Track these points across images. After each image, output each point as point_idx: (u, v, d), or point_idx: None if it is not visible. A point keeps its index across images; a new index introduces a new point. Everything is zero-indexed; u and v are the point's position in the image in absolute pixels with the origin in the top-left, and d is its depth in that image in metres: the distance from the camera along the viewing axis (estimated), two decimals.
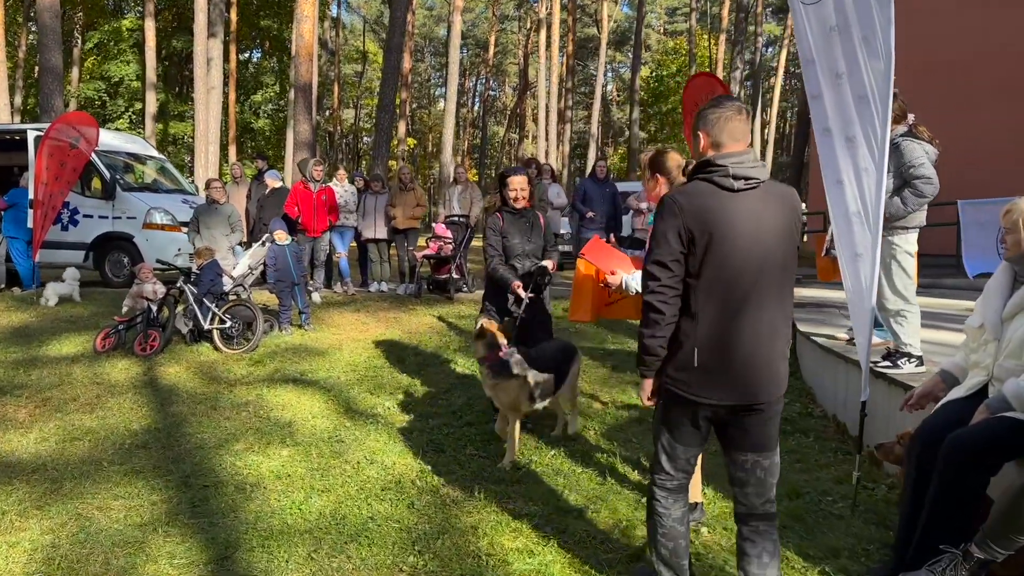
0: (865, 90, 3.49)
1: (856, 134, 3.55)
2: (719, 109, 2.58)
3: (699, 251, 2.46)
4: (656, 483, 2.79)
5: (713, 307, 2.49)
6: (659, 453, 2.78)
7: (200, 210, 9.05)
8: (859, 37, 3.49)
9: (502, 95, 59.29)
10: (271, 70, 35.35)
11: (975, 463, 2.82)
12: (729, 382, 2.51)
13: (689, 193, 2.53)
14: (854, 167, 3.61)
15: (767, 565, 2.63)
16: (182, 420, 5.51)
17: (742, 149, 2.55)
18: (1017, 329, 2.93)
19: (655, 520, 2.78)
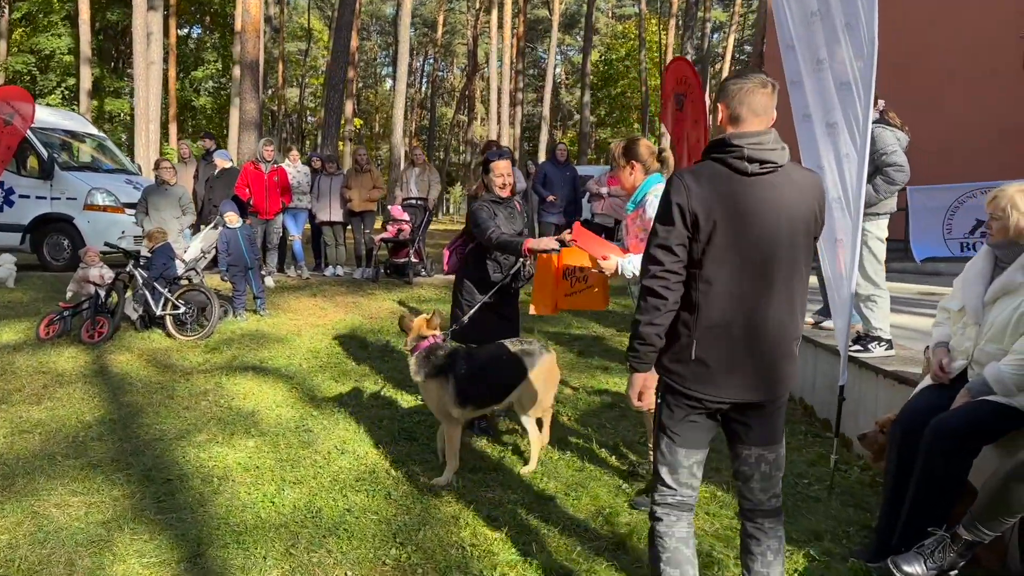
0: (848, 77, 3.49)
1: (838, 120, 3.56)
2: (741, 80, 2.39)
3: (703, 238, 2.28)
4: (656, 500, 2.52)
5: (714, 298, 2.32)
6: (658, 465, 2.52)
7: (149, 191, 8.69)
8: (842, 24, 3.49)
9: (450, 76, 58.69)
10: (212, 46, 34.22)
11: (959, 447, 2.88)
12: (729, 378, 2.35)
13: (699, 174, 2.33)
14: (835, 153, 3.63)
15: (771, 563, 2.49)
16: (138, 410, 5.28)
17: (763, 128, 2.35)
18: (999, 314, 2.99)
19: (656, 544, 2.48)
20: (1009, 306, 2.96)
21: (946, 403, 3.08)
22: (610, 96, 41.98)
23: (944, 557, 2.67)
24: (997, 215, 3.02)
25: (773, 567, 2.49)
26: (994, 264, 3.12)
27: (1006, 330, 2.95)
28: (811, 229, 2.41)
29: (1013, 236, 2.98)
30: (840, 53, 3.51)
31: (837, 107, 3.58)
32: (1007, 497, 2.49)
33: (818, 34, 3.64)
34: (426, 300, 8.82)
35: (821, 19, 3.64)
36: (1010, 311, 2.95)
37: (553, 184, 10.24)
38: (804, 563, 3.12)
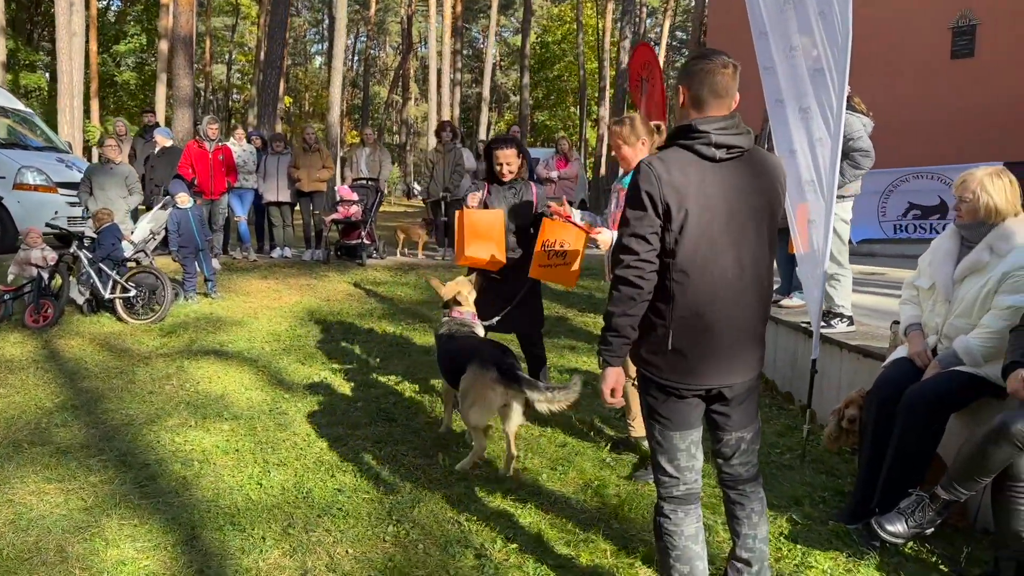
0: (821, 63, 3.65)
1: (811, 105, 3.72)
2: (702, 61, 2.33)
3: (675, 227, 2.24)
4: (661, 495, 2.47)
5: (689, 288, 2.28)
6: (657, 456, 2.48)
7: (93, 170, 8.35)
8: (815, 12, 3.64)
9: (383, 55, 57.73)
10: (135, 18, 32.74)
11: (934, 413, 3.09)
12: (704, 366, 2.34)
13: (667, 161, 2.28)
14: (808, 137, 3.79)
15: (757, 524, 2.56)
16: (99, 396, 5.13)
17: (726, 112, 2.32)
18: (967, 291, 3.20)
19: (665, 541, 2.43)
20: (977, 283, 3.17)
21: (918, 374, 3.29)
22: (547, 79, 42.09)
23: (924, 516, 2.87)
24: (966, 197, 3.21)
25: (759, 527, 2.57)
26: (960, 244, 3.33)
27: (974, 305, 3.17)
28: (776, 212, 2.41)
29: (982, 217, 3.19)
30: (814, 40, 3.66)
31: (810, 93, 3.73)
32: (983, 458, 2.69)
33: (791, 21, 3.78)
34: (381, 282, 8.77)
35: (795, 7, 3.77)
36: (977, 288, 3.17)
37: None
38: (788, 527, 3.30)
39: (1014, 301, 3.05)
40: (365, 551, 3.16)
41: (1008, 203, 3.15)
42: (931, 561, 3.01)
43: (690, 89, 2.35)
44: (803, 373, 4.89)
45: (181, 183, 8.08)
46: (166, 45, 25.93)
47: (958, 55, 11.32)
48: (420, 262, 9.91)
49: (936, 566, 2.98)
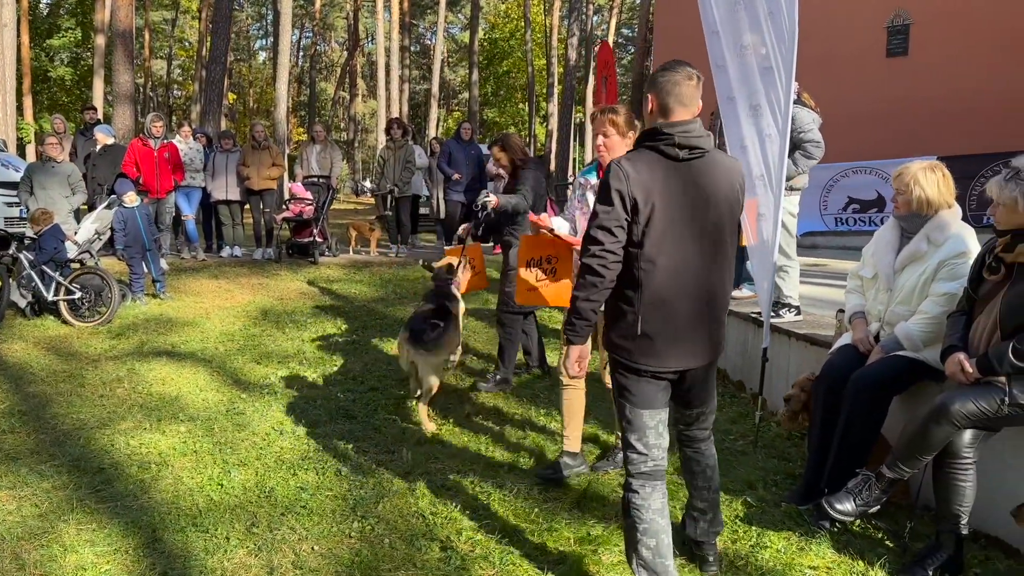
0: (770, 62, 3.78)
1: (761, 102, 3.85)
2: (669, 73, 2.54)
3: (642, 220, 2.43)
4: (630, 472, 2.61)
5: (656, 276, 2.46)
6: (627, 434, 2.65)
7: (33, 169, 8.07)
8: (764, 12, 3.77)
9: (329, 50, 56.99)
10: (70, 12, 31.65)
11: (878, 395, 3.25)
12: (671, 349, 2.53)
13: (635, 160, 2.48)
14: (758, 133, 3.92)
15: (710, 477, 2.88)
16: (47, 400, 5.01)
17: (690, 117, 2.52)
18: (907, 279, 3.36)
19: (632, 516, 2.57)
20: (915, 272, 3.34)
21: (862, 360, 3.44)
22: (496, 75, 42.12)
23: (871, 495, 3.01)
24: (902, 190, 3.37)
25: (712, 479, 2.88)
26: (900, 234, 3.49)
27: (913, 293, 3.33)
28: (735, 208, 2.63)
29: (916, 209, 3.35)
30: (763, 39, 3.79)
31: (760, 90, 3.86)
32: (925, 438, 2.84)
33: (742, 21, 3.91)
34: (335, 280, 8.71)
35: (745, 7, 3.90)
36: (916, 276, 3.33)
37: (458, 163, 10.28)
38: (743, 510, 3.42)
39: (949, 288, 3.21)
40: (331, 547, 3.17)
41: (940, 195, 3.32)
42: (878, 537, 3.16)
43: (658, 98, 2.56)
44: (753, 362, 5.04)
45: (128, 182, 7.89)
46: (103, 39, 25.22)
47: (893, 53, 11.72)
48: (373, 260, 9.87)
49: (882, 542, 3.13)
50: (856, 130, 11.47)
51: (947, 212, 3.32)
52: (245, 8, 55.44)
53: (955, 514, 2.86)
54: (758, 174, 4.01)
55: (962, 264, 3.21)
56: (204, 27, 33.92)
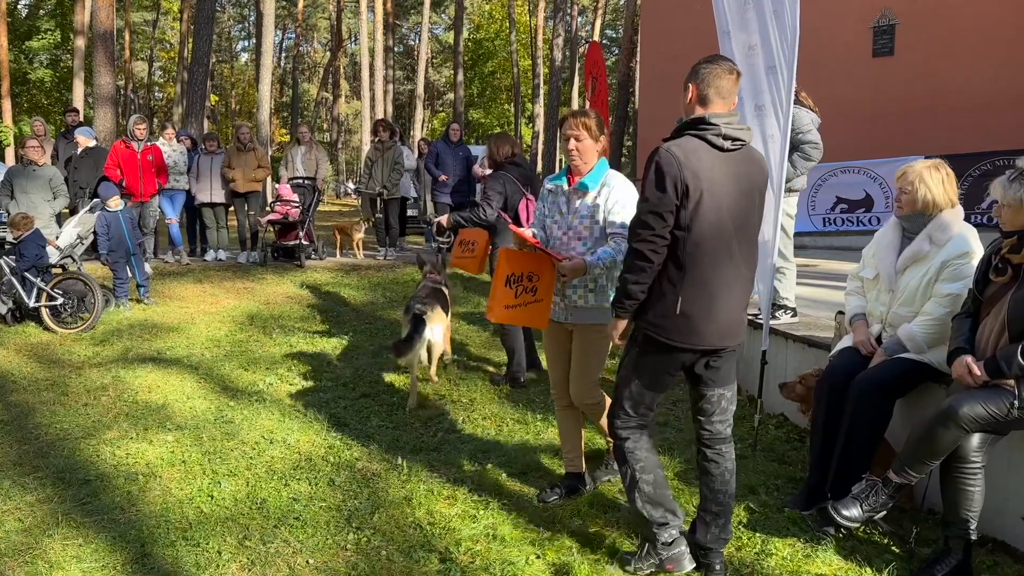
0: (774, 60, 3.74)
1: (766, 103, 3.80)
2: (711, 65, 2.68)
3: (691, 205, 2.55)
4: (618, 427, 2.87)
5: (698, 259, 2.60)
6: (623, 400, 2.85)
7: (14, 172, 7.89)
8: (770, 11, 3.72)
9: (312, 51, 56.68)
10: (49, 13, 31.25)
11: (883, 398, 3.20)
12: (705, 329, 2.67)
13: (684, 148, 2.58)
14: (762, 134, 3.88)
15: (728, 482, 2.88)
16: (30, 410, 4.88)
17: (726, 110, 2.66)
18: (910, 280, 3.32)
19: (629, 460, 2.84)
20: (919, 272, 3.30)
21: (864, 362, 3.40)
22: (481, 76, 42.03)
23: (877, 500, 2.96)
24: (906, 189, 3.33)
25: (730, 484, 2.89)
26: (902, 235, 3.45)
27: (916, 294, 3.29)
28: (762, 201, 2.80)
29: (920, 208, 3.31)
30: (769, 39, 3.74)
31: (765, 90, 3.82)
32: (932, 442, 2.80)
33: (751, 21, 3.86)
34: (322, 284, 8.60)
35: (754, 6, 3.84)
36: (919, 277, 3.29)
37: (446, 164, 10.19)
38: (746, 516, 3.36)
39: (952, 289, 3.18)
40: (327, 560, 3.09)
41: (944, 195, 3.28)
42: (883, 543, 3.12)
43: (698, 88, 2.68)
44: (750, 364, 4.99)
45: (112, 185, 7.74)
46: (83, 41, 24.88)
47: (879, 53, 11.77)
48: (361, 263, 9.76)
49: (888, 547, 3.08)
50: (843, 130, 11.49)
51: (949, 212, 3.29)
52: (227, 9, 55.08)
53: (963, 519, 2.82)
54: None
55: (965, 264, 3.18)
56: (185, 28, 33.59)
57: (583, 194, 3.33)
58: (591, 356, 3.40)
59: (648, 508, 2.84)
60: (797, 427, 4.32)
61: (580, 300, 3.33)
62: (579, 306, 3.34)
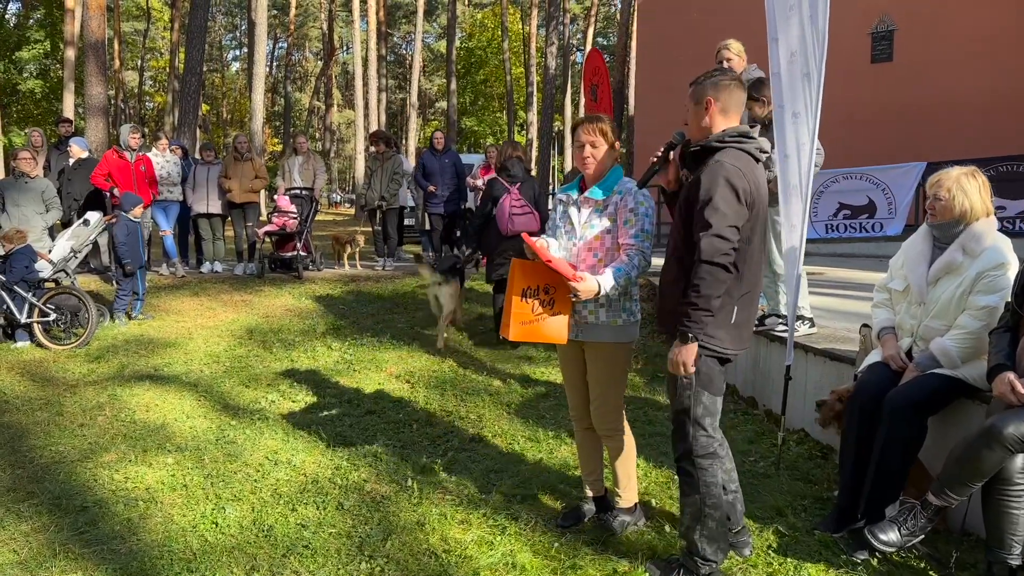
0: (809, 67, 3.64)
1: (801, 110, 3.70)
2: (726, 79, 2.75)
3: (752, 217, 2.67)
4: (698, 453, 2.80)
5: (750, 269, 2.73)
6: (699, 419, 2.80)
7: (6, 185, 7.71)
8: (807, 16, 3.63)
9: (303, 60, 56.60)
10: (40, 24, 31.01)
11: (916, 415, 3.07)
12: (747, 334, 2.85)
13: (741, 160, 2.66)
14: (796, 141, 3.78)
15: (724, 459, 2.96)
16: (24, 431, 4.72)
17: (738, 123, 2.78)
18: (942, 292, 3.20)
19: (702, 491, 2.79)
20: (952, 284, 3.18)
21: (896, 378, 3.28)
22: (473, 84, 41.97)
23: (916, 523, 2.85)
24: (942, 197, 3.21)
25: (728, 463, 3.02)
26: (933, 245, 3.34)
27: (950, 306, 3.17)
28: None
29: (958, 216, 3.19)
30: (806, 45, 3.65)
31: (800, 97, 3.71)
32: (976, 463, 2.68)
33: (794, 27, 3.76)
34: (322, 296, 8.44)
35: (798, 12, 3.74)
36: (953, 288, 3.17)
37: (433, 174, 9.98)
38: (775, 540, 3.23)
39: (989, 301, 3.06)
40: None
41: (982, 203, 3.17)
42: (920, 567, 2.99)
43: (718, 100, 2.74)
44: (766, 377, 4.89)
45: (135, 195, 7.66)
46: (73, 52, 24.70)
47: (878, 59, 11.75)
48: (360, 273, 9.61)
49: (926, 572, 2.95)
50: (844, 136, 11.45)
51: (984, 221, 3.17)
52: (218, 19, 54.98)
53: (1007, 543, 2.70)
54: (794, 184, 3.84)
55: (1001, 276, 3.07)
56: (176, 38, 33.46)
57: (595, 203, 3.16)
58: (608, 377, 3.22)
59: (704, 543, 2.81)
60: (819, 443, 4.19)
61: (591, 316, 3.15)
62: (589, 322, 3.16)
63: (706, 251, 2.60)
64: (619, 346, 3.19)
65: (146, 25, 44.16)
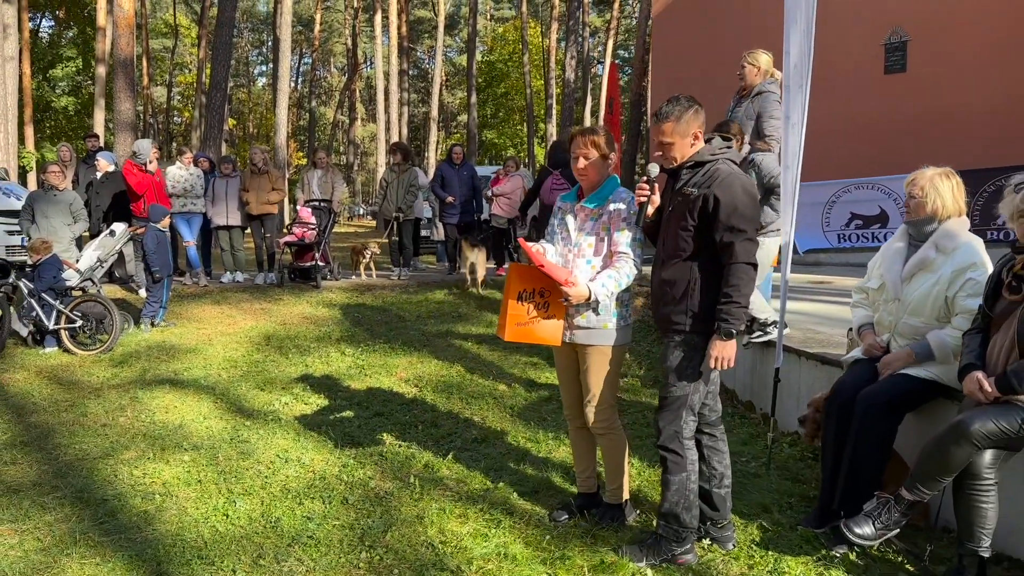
0: (802, 79, 3.78)
1: (797, 120, 3.84)
2: (693, 107, 3.02)
3: None
4: (685, 435, 3.08)
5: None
6: (693, 406, 3.07)
7: (35, 197, 8.04)
8: (804, 29, 3.77)
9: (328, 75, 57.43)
10: (72, 42, 31.88)
11: (888, 412, 3.18)
12: None
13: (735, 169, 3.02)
14: (788, 149, 3.93)
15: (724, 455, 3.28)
16: (50, 431, 4.96)
17: None
18: (917, 288, 3.31)
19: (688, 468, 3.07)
20: (927, 281, 3.28)
21: (873, 376, 3.39)
22: (494, 97, 42.34)
23: (890, 517, 2.95)
24: (915, 194, 3.33)
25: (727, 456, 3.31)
26: (908, 243, 3.45)
27: (926, 303, 3.28)
28: None
29: (929, 213, 3.31)
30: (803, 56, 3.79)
31: (798, 107, 3.84)
32: (944, 458, 2.79)
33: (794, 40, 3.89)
34: (338, 304, 8.67)
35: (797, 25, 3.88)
36: (928, 286, 3.27)
37: (451, 185, 10.24)
38: (759, 534, 3.35)
39: (978, 304, 3.15)
40: None
41: (954, 202, 3.30)
42: (897, 561, 3.09)
43: (702, 129, 3.06)
44: (763, 381, 4.99)
45: (162, 206, 7.98)
46: (104, 69, 25.40)
47: (891, 70, 11.78)
48: (376, 283, 9.83)
49: (903, 566, 3.06)
50: (857, 146, 11.50)
51: (956, 221, 3.30)
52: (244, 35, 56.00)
53: (977, 537, 2.80)
54: (790, 192, 3.97)
55: (982, 275, 3.16)
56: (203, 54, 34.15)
57: (590, 211, 3.34)
58: (599, 377, 3.36)
59: (684, 514, 3.08)
60: (811, 446, 4.29)
61: (582, 319, 3.30)
62: (581, 326, 3.31)
63: (741, 254, 2.88)
64: (610, 348, 3.33)
65: (174, 42, 45.13)
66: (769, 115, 4.79)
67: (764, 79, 5.12)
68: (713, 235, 2.92)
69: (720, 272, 2.93)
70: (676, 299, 3.04)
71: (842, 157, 10.95)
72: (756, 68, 5.07)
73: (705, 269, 2.99)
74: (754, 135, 5.35)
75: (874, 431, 3.19)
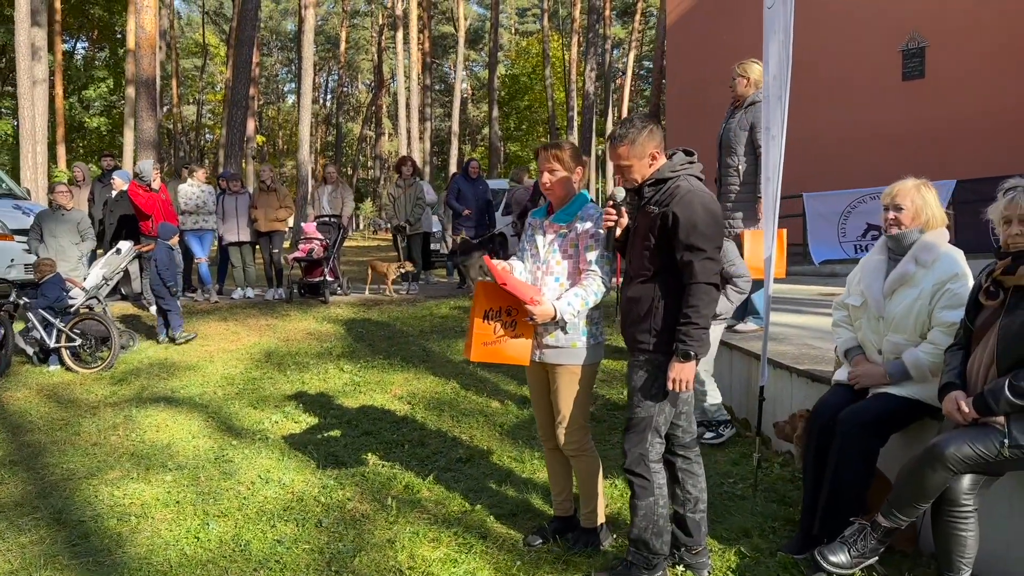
0: (781, 90, 3.67)
1: (777, 133, 3.73)
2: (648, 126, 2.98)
3: None
4: (652, 459, 2.97)
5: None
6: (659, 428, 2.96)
7: (43, 216, 8.18)
8: (783, 40, 3.67)
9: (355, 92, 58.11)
10: (104, 63, 32.64)
11: (870, 435, 3.03)
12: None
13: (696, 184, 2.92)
14: (769, 161, 3.82)
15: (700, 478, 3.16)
16: (41, 449, 4.98)
17: None
18: (899, 304, 3.16)
19: (656, 493, 2.96)
20: (909, 296, 3.13)
21: (855, 396, 3.25)
22: (517, 110, 42.45)
23: (866, 545, 2.81)
24: (905, 206, 3.19)
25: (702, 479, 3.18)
26: (888, 257, 3.31)
27: (908, 320, 3.13)
28: None
29: (922, 223, 3.17)
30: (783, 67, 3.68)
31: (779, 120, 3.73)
32: (919, 484, 2.64)
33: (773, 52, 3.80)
34: (343, 320, 8.66)
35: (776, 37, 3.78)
36: (910, 301, 3.12)
37: (466, 198, 10.26)
38: (736, 560, 3.22)
39: (956, 317, 3.00)
40: None
41: (941, 213, 3.18)
42: None
43: (663, 144, 3.03)
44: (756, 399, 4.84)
45: (172, 224, 8.08)
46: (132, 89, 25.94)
47: (909, 76, 11.54)
48: (384, 297, 9.82)
49: None
50: (874, 155, 11.27)
51: (934, 232, 3.16)
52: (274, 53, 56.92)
53: (956, 566, 2.65)
54: (771, 204, 3.86)
55: (962, 287, 3.02)
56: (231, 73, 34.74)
57: (557, 228, 3.26)
58: (570, 398, 3.26)
59: (654, 540, 2.97)
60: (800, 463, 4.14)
61: (550, 338, 3.21)
62: (549, 344, 3.23)
63: (701, 273, 2.77)
64: (580, 368, 3.24)
65: (203, 60, 46.00)
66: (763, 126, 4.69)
67: (756, 90, 5.01)
68: (674, 254, 2.83)
69: (679, 282, 2.85)
70: (641, 318, 2.95)
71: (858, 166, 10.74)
72: (746, 79, 4.96)
73: (669, 288, 2.89)
74: (748, 146, 5.24)
75: (855, 451, 3.05)
